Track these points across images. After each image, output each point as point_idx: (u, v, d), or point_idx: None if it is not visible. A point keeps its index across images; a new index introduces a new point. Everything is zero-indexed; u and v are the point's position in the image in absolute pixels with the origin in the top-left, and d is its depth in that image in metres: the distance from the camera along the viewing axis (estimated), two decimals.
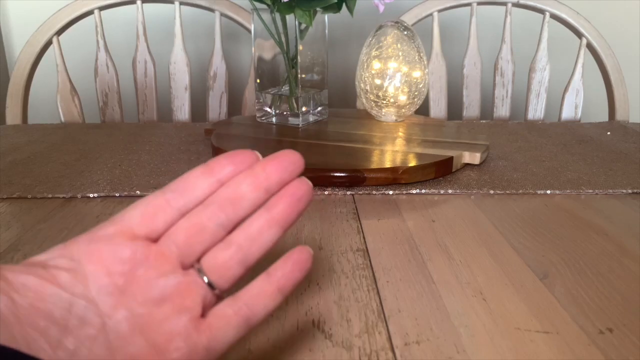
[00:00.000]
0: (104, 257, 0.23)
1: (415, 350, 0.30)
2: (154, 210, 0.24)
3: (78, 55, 1.18)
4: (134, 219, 0.24)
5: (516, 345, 0.30)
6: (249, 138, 0.66)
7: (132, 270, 0.23)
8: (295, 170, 0.25)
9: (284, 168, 0.25)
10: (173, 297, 0.23)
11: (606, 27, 1.08)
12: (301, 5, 0.64)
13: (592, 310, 0.33)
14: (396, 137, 0.66)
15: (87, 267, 0.23)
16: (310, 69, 0.72)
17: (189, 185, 0.25)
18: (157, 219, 0.24)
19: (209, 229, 0.24)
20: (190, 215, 0.25)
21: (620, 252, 0.41)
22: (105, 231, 0.24)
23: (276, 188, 0.25)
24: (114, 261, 0.23)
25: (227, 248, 0.24)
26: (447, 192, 0.54)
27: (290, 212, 0.25)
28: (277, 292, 0.24)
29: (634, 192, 0.54)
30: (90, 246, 0.23)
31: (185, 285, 0.24)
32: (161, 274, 0.23)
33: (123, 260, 0.23)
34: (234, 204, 0.24)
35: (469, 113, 0.99)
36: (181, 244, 0.24)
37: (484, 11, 1.15)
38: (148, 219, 0.24)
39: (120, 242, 0.24)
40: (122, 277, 0.23)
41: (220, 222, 0.24)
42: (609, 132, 0.78)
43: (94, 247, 0.23)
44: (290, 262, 0.25)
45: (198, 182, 0.25)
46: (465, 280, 0.37)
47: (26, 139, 0.73)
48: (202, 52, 1.28)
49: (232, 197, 0.24)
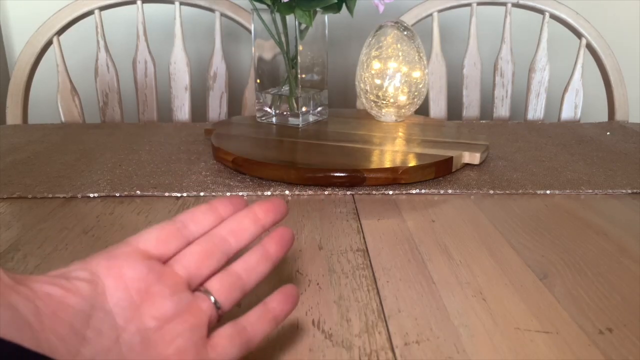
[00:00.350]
0: (123, 272, 0.25)
1: (415, 350, 0.30)
2: (167, 236, 0.27)
3: (78, 55, 1.19)
4: (149, 242, 0.27)
5: (516, 345, 0.30)
6: (249, 138, 0.66)
7: (147, 287, 0.25)
8: (283, 213, 0.31)
9: (277, 211, 0.30)
10: (184, 314, 0.25)
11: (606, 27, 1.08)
12: (301, 6, 0.64)
13: (592, 310, 0.33)
14: (396, 137, 0.66)
15: (106, 281, 0.24)
16: (310, 69, 0.72)
17: (196, 219, 0.29)
18: (170, 244, 0.27)
19: (215, 256, 0.28)
20: (198, 243, 0.28)
21: (620, 252, 0.41)
22: (123, 249, 0.26)
23: (271, 225, 0.30)
24: (132, 277, 0.25)
25: (230, 275, 0.28)
26: (447, 192, 0.54)
27: (280, 250, 0.30)
28: (273, 320, 0.28)
29: (633, 192, 0.54)
30: (109, 262, 0.25)
31: (195, 304, 0.26)
32: (174, 292, 0.26)
33: (140, 277, 0.25)
34: (237, 235, 0.29)
35: (468, 113, 0.99)
36: (191, 267, 0.27)
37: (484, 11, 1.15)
38: (162, 244, 0.27)
39: (137, 260, 0.26)
40: (138, 293, 0.25)
41: (225, 250, 0.28)
42: (609, 132, 0.78)
43: (112, 262, 0.25)
44: (283, 295, 0.28)
45: (204, 216, 0.29)
46: (465, 280, 0.37)
47: (26, 139, 0.73)
48: (202, 52, 1.28)
49: (235, 230, 0.29)
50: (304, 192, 0.54)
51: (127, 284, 0.25)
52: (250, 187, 0.54)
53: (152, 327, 0.24)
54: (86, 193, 0.53)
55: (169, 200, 0.52)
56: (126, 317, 0.24)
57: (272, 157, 0.58)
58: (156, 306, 0.25)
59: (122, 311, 0.24)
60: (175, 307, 0.25)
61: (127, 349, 0.23)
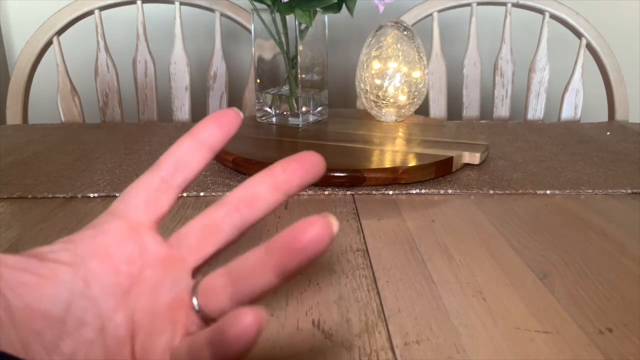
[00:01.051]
0: (111, 254, 0.22)
1: (415, 350, 0.30)
2: (156, 194, 0.23)
3: (78, 55, 1.19)
4: (139, 208, 0.23)
5: (516, 345, 0.30)
6: (249, 138, 0.66)
7: (139, 272, 0.22)
8: (317, 173, 0.24)
9: (306, 170, 0.24)
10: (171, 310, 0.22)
11: (606, 27, 1.08)
12: (301, 6, 0.64)
13: (592, 310, 0.33)
14: (396, 137, 0.66)
15: (91, 263, 0.21)
16: (310, 69, 0.72)
17: (182, 160, 0.24)
18: (161, 202, 0.23)
19: (223, 230, 0.23)
20: (204, 215, 0.23)
21: (620, 252, 0.41)
22: (112, 225, 0.22)
23: (296, 191, 0.24)
24: (122, 260, 0.22)
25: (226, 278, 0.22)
26: (447, 192, 0.54)
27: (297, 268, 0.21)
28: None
29: (633, 192, 0.54)
30: (95, 240, 0.22)
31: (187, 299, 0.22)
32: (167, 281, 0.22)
33: (131, 260, 0.22)
34: (250, 205, 0.23)
35: (468, 113, 0.99)
36: (193, 245, 0.23)
37: (484, 11, 1.15)
38: (152, 205, 0.23)
39: (127, 237, 0.22)
40: (129, 278, 0.22)
41: (235, 224, 0.23)
42: (609, 132, 0.78)
43: (99, 241, 0.22)
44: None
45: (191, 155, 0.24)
46: (465, 280, 0.37)
47: (26, 139, 0.73)
48: (202, 52, 1.28)
49: (248, 198, 0.23)
50: (304, 192, 0.54)
51: (115, 267, 0.21)
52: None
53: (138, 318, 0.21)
54: (86, 193, 0.53)
55: None
56: (112, 305, 0.21)
57: (272, 157, 0.58)
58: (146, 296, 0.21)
59: (108, 298, 0.21)
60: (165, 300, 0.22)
61: (112, 340, 0.21)
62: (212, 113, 0.24)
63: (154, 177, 0.23)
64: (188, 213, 0.49)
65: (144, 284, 0.22)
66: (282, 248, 0.20)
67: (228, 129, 0.24)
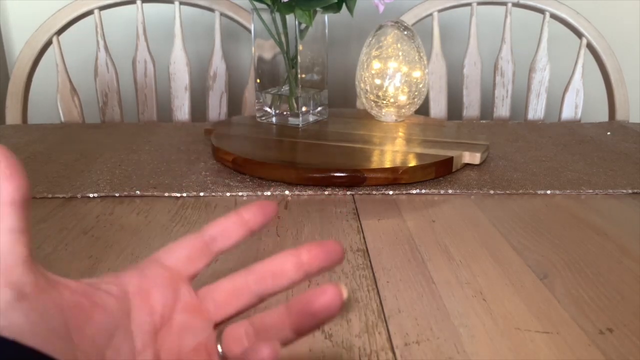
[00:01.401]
0: (151, 294, 0.24)
1: (415, 350, 0.30)
2: (198, 254, 0.26)
3: (78, 55, 1.18)
4: (180, 260, 0.26)
5: (516, 345, 0.30)
6: (249, 138, 0.66)
7: (171, 314, 0.24)
8: (336, 261, 0.27)
9: (327, 257, 0.26)
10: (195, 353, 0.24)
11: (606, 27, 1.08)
12: (301, 5, 0.64)
13: (592, 310, 0.33)
14: (396, 137, 0.66)
15: (134, 300, 0.24)
16: (310, 69, 0.72)
17: (225, 232, 0.27)
18: (200, 262, 0.26)
19: (247, 295, 0.26)
20: (232, 278, 0.26)
21: (620, 252, 0.41)
22: (155, 270, 0.25)
23: (316, 272, 0.27)
24: (158, 301, 0.24)
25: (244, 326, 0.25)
26: (447, 192, 0.54)
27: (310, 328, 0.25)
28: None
29: (633, 192, 0.54)
30: (140, 280, 0.24)
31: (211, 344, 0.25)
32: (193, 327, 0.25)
33: (166, 303, 0.24)
34: (274, 278, 0.26)
35: (469, 113, 0.99)
36: (219, 302, 0.26)
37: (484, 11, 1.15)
38: (193, 262, 0.26)
39: (167, 284, 0.25)
40: (161, 319, 0.24)
41: (258, 292, 0.26)
42: (609, 132, 0.78)
43: (143, 282, 0.24)
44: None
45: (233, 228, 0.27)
46: (465, 280, 0.37)
47: (26, 139, 0.73)
48: (202, 52, 1.28)
49: (274, 272, 0.26)
50: (304, 192, 0.54)
51: (152, 307, 0.24)
52: (250, 187, 0.54)
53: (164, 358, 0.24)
54: (86, 193, 0.53)
55: (168, 201, 0.52)
56: (145, 342, 0.23)
57: (272, 157, 0.58)
58: (173, 338, 0.24)
59: (142, 335, 0.23)
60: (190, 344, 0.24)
61: None
62: (260, 202, 0.28)
63: (199, 239, 0.27)
64: (188, 213, 0.49)
65: (173, 327, 0.24)
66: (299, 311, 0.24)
67: (267, 217, 0.28)
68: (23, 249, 0.20)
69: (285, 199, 0.52)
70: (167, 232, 0.45)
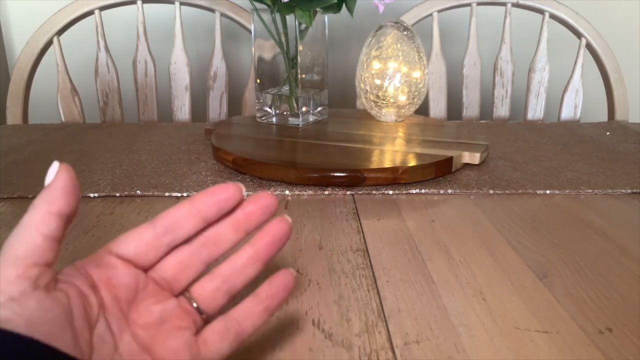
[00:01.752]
0: (113, 282, 0.25)
1: (415, 349, 0.30)
2: (146, 247, 0.26)
3: (78, 55, 1.18)
4: (129, 253, 0.26)
5: (516, 345, 0.30)
6: (249, 138, 0.66)
7: (133, 298, 0.25)
8: (272, 212, 0.28)
9: (262, 211, 0.28)
10: (170, 319, 0.26)
11: (606, 27, 1.08)
12: (301, 6, 0.64)
13: (592, 310, 0.33)
14: (396, 137, 0.66)
15: (102, 290, 0.25)
16: (310, 69, 0.72)
17: (177, 224, 0.27)
18: (150, 255, 0.26)
19: (193, 266, 0.27)
20: (176, 253, 0.27)
21: (620, 252, 0.41)
22: (109, 259, 0.26)
23: (254, 228, 0.28)
24: (121, 287, 0.25)
25: (214, 279, 0.27)
26: (447, 192, 0.54)
27: (272, 249, 0.28)
28: (264, 311, 0.27)
29: (633, 192, 0.54)
30: (100, 271, 0.25)
31: (178, 310, 0.26)
32: (158, 301, 0.26)
33: (127, 288, 0.25)
34: (215, 244, 0.27)
35: (468, 113, 0.99)
36: (169, 278, 0.27)
37: (484, 11, 1.15)
38: (142, 255, 0.26)
39: (124, 270, 0.26)
40: (127, 304, 0.25)
41: (203, 259, 0.27)
42: (609, 132, 0.78)
43: (103, 272, 0.25)
44: (275, 284, 0.27)
45: (186, 221, 0.27)
46: (465, 280, 0.37)
47: (26, 139, 0.74)
48: (202, 52, 1.28)
49: (214, 238, 0.27)
50: (304, 192, 0.54)
51: (117, 294, 0.25)
52: (250, 187, 0.55)
53: (142, 335, 0.25)
54: (86, 193, 0.53)
55: (169, 200, 0.52)
56: (119, 327, 0.24)
57: (272, 157, 0.58)
58: (142, 316, 0.25)
59: (115, 321, 0.24)
60: (160, 315, 0.26)
61: (127, 356, 0.24)
62: (215, 186, 0.28)
63: (149, 230, 0.27)
64: None
65: (138, 307, 0.25)
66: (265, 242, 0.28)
67: (224, 204, 0.27)
68: (50, 256, 0.22)
69: (285, 199, 0.52)
70: None
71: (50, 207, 0.23)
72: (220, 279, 0.27)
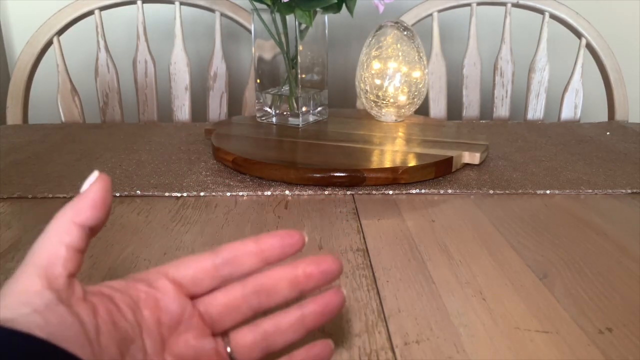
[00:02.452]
0: (159, 305, 0.25)
1: (415, 349, 0.30)
2: (204, 275, 0.26)
3: (78, 55, 1.19)
4: (185, 278, 0.26)
5: (516, 345, 0.30)
6: (249, 138, 0.66)
7: (176, 326, 0.25)
8: (333, 279, 0.27)
9: (323, 276, 0.27)
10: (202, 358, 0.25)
11: (606, 27, 1.08)
12: (301, 6, 0.64)
13: (592, 310, 0.33)
14: (396, 137, 0.66)
15: (144, 311, 0.24)
16: (310, 69, 0.72)
17: (238, 259, 0.26)
18: (204, 283, 0.26)
19: (241, 310, 0.26)
20: (228, 291, 0.26)
21: (620, 252, 0.41)
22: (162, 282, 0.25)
23: (310, 290, 0.27)
24: (166, 312, 0.25)
25: (255, 331, 0.26)
26: (447, 192, 0.54)
27: (320, 320, 0.27)
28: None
29: (633, 192, 0.54)
30: (148, 291, 0.25)
31: (213, 352, 0.25)
32: (197, 336, 0.25)
33: (172, 314, 0.25)
34: (268, 294, 0.26)
35: (468, 113, 0.99)
36: (215, 316, 0.26)
37: (484, 11, 1.15)
38: (197, 282, 0.26)
39: (173, 295, 0.25)
40: (168, 329, 0.25)
41: (252, 306, 0.26)
42: (609, 132, 0.78)
43: (151, 293, 0.25)
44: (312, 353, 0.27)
45: (248, 258, 0.26)
46: (465, 280, 0.37)
47: (27, 139, 0.74)
48: (202, 52, 1.28)
49: (269, 288, 0.26)
50: (304, 192, 0.54)
51: (160, 318, 0.24)
52: (250, 187, 0.55)
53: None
54: None
55: (169, 200, 0.52)
56: (154, 350, 0.24)
57: (272, 157, 0.58)
58: (180, 347, 0.25)
59: (151, 343, 0.24)
60: (196, 351, 0.25)
61: None
62: (282, 230, 0.27)
63: (208, 259, 0.26)
64: (188, 213, 0.49)
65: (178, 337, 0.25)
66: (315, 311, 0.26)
67: (288, 249, 0.27)
68: (73, 266, 0.22)
69: (285, 199, 0.52)
70: (168, 231, 0.45)
71: (75, 217, 0.23)
72: (262, 333, 0.26)
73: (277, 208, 0.50)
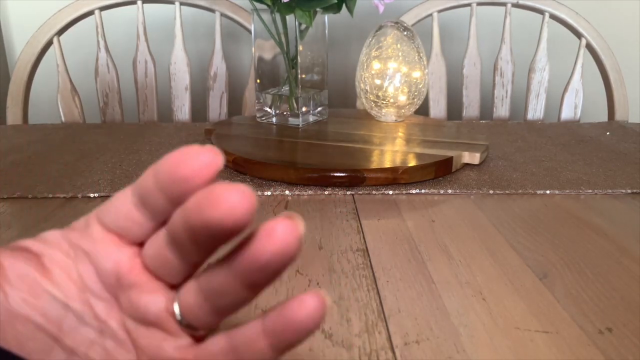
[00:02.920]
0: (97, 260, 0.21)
1: (415, 349, 0.30)
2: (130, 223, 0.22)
3: (79, 55, 1.19)
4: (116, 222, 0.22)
5: (516, 345, 0.30)
6: (249, 138, 0.66)
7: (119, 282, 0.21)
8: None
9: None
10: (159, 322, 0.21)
11: (606, 27, 1.08)
12: (301, 6, 0.64)
13: (592, 310, 0.33)
14: (396, 137, 0.66)
15: (80, 267, 0.21)
16: (310, 69, 0.72)
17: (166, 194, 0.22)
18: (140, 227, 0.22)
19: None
20: None
21: (619, 252, 0.41)
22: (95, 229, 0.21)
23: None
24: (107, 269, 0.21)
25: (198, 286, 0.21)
26: (447, 192, 0.54)
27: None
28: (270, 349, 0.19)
29: (633, 192, 0.54)
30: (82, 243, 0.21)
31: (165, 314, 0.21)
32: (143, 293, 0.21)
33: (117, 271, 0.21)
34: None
35: (468, 113, 0.99)
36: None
37: (484, 11, 1.16)
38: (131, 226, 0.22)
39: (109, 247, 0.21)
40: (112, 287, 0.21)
41: None
42: (609, 132, 0.78)
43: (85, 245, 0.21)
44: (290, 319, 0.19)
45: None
46: (465, 280, 0.37)
47: (27, 139, 0.74)
48: (202, 52, 1.28)
49: None
50: (304, 192, 0.54)
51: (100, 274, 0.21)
52: (250, 187, 0.54)
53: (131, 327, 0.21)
54: (86, 193, 0.53)
55: None
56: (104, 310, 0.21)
57: (272, 157, 0.58)
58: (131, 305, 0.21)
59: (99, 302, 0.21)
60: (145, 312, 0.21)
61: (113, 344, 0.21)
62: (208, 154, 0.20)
63: (128, 196, 0.23)
64: None
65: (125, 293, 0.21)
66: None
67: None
68: None
69: (285, 199, 0.52)
70: None
71: None
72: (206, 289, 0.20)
73: (277, 208, 0.50)
